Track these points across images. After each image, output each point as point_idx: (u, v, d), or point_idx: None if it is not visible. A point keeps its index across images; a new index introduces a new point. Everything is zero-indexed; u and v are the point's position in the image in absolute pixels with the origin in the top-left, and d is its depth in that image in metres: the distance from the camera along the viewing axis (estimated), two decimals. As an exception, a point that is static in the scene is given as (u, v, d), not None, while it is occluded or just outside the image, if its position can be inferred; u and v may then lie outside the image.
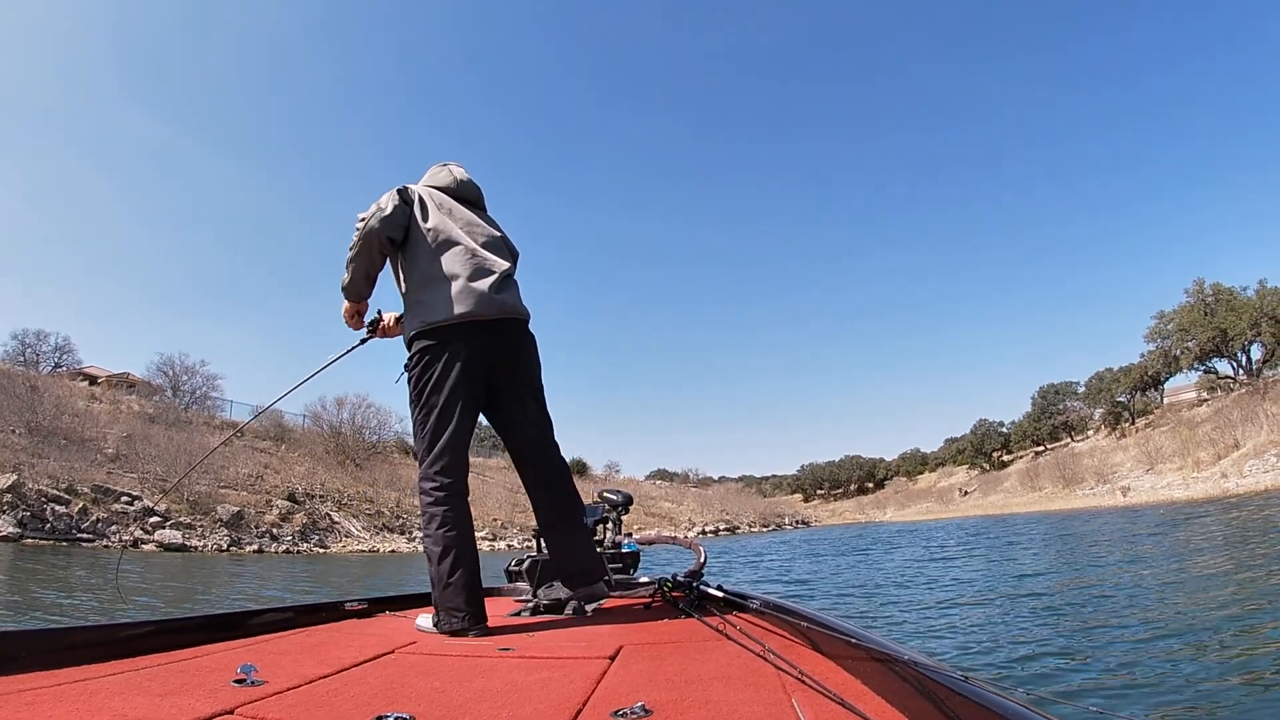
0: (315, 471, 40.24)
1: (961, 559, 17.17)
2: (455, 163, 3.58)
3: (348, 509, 36.83)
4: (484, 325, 3.17)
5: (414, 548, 33.51)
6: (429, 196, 3.33)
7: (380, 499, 39.88)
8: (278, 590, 15.42)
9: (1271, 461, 36.04)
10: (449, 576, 2.92)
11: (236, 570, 20.11)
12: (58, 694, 1.62)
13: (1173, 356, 61.47)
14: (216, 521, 28.97)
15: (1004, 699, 1.16)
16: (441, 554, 2.97)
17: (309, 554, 29.30)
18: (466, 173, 3.56)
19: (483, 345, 3.17)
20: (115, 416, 36.74)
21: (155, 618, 2.92)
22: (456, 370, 3.11)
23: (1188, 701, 4.51)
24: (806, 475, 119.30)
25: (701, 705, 1.58)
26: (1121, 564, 12.63)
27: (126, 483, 28.78)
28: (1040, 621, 7.76)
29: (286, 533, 31.02)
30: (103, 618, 8.01)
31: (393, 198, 3.20)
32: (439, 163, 3.58)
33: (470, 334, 3.14)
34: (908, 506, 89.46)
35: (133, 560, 20.95)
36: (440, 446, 3.08)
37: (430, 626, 2.91)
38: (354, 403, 49.33)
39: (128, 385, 45.98)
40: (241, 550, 27.59)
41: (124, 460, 30.82)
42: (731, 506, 73.36)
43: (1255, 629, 6.35)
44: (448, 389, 3.11)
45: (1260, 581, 8.87)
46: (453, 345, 3.12)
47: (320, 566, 23.23)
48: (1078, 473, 61.01)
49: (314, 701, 1.66)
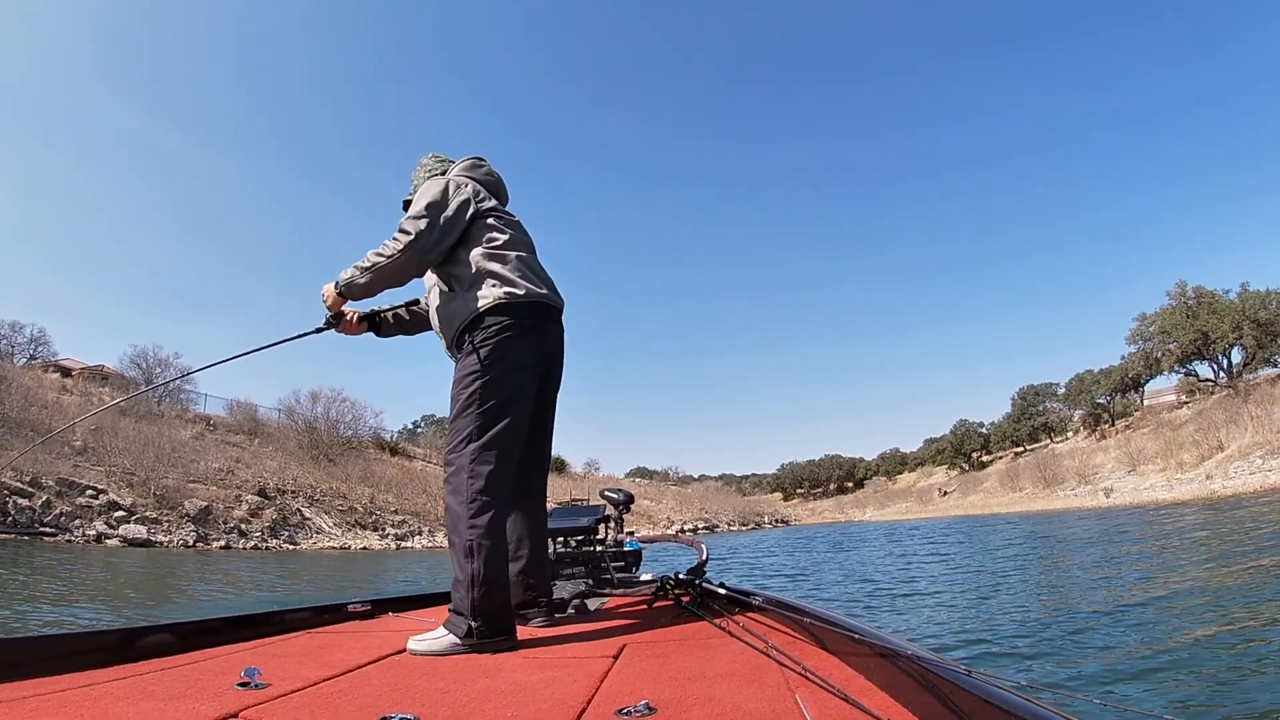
0: (287, 466, 39.47)
1: (955, 556, 17.23)
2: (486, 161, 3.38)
3: (320, 505, 36.18)
4: (557, 314, 3.05)
5: (386, 545, 33.13)
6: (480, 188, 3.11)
7: (354, 495, 39.23)
8: (224, 589, 14.78)
9: (1257, 463, 36.05)
10: (494, 579, 2.59)
11: (202, 567, 19.59)
12: (61, 700, 1.60)
13: (1154, 359, 61.64)
14: (183, 516, 28.35)
15: (1008, 692, 1.18)
16: (491, 551, 2.61)
17: (278, 550, 28.78)
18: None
19: (555, 335, 3.05)
20: (85, 409, 35.80)
21: (159, 622, 2.74)
22: (536, 354, 2.91)
23: (1191, 691, 4.59)
24: (786, 474, 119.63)
25: (705, 703, 1.59)
26: (1122, 563, 12.63)
27: (93, 476, 28.19)
28: (1042, 616, 7.82)
29: (255, 529, 30.42)
30: (106, 623, 7.69)
31: (462, 210, 2.95)
32: (474, 157, 3.33)
33: (553, 318, 3.02)
34: (887, 506, 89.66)
35: (94, 556, 20.35)
36: (508, 433, 2.78)
37: (454, 640, 2.49)
38: (329, 397, 48.73)
39: (101, 378, 45.00)
40: (208, 546, 27.04)
41: (91, 453, 30.07)
42: (711, 505, 72.98)
43: (1258, 625, 6.33)
44: (526, 372, 2.88)
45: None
46: (538, 326, 2.91)
47: (291, 564, 22.76)
48: (1058, 473, 61.02)
49: (318, 704, 1.67)
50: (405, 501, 41.28)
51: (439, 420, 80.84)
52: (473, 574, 2.54)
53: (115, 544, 24.56)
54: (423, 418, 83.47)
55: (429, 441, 61.10)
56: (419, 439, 65.15)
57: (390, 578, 18.50)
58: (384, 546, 32.86)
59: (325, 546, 31.52)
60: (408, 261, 2.85)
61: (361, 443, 50.03)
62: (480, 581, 2.53)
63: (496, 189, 3.26)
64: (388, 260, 2.85)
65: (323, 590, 15.20)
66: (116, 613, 10.16)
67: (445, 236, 2.88)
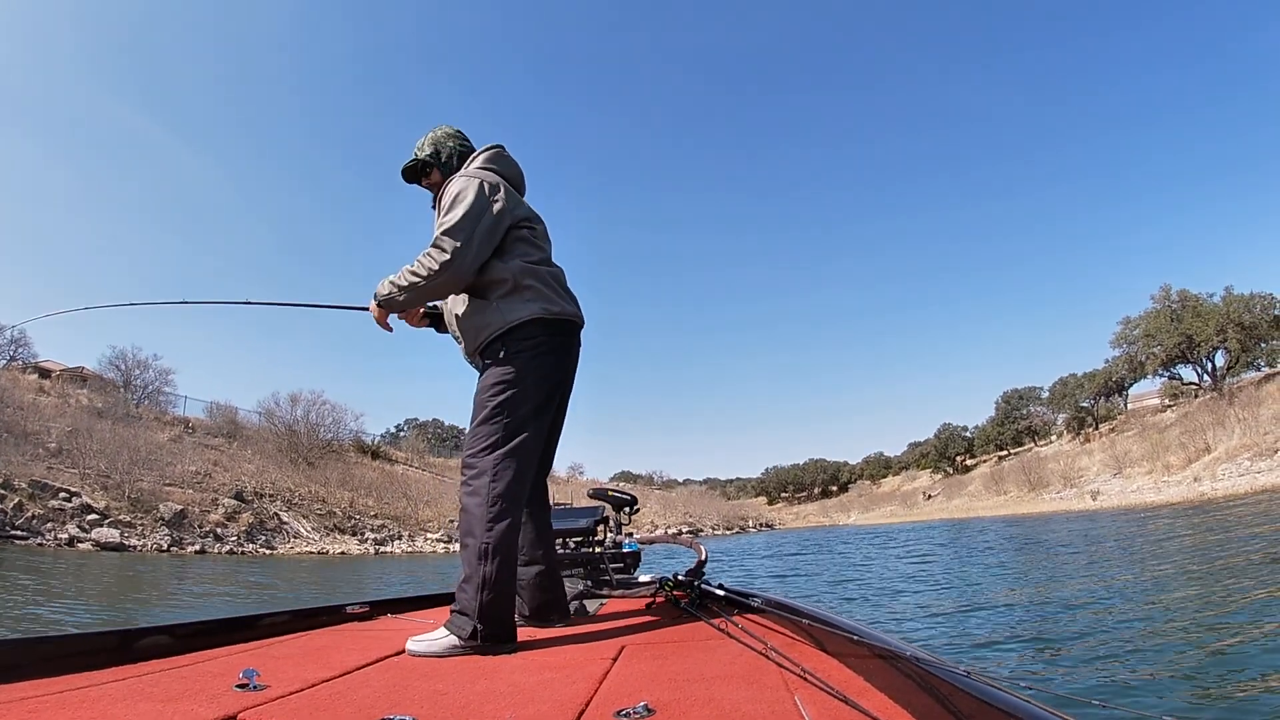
0: (265, 469, 38.96)
1: (948, 558, 17.30)
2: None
3: (298, 509, 35.68)
4: (579, 331, 3.09)
5: (365, 550, 32.73)
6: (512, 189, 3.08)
7: (333, 499, 38.80)
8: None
9: (1245, 465, 36.11)
10: (503, 585, 2.60)
11: (176, 572, 19.22)
12: (60, 701, 1.58)
13: (1138, 362, 61.86)
14: (158, 520, 27.77)
15: (1007, 694, 1.18)
16: (505, 556, 2.63)
17: (254, 555, 28.25)
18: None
19: (576, 354, 3.09)
20: (63, 410, 35.34)
21: (157, 624, 2.74)
22: (563, 371, 2.98)
23: (1189, 693, 4.63)
24: (771, 478, 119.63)
25: (705, 704, 1.59)
26: (1119, 565, 12.70)
27: (67, 479, 27.61)
28: (1040, 618, 7.89)
29: (232, 533, 29.85)
30: (104, 625, 7.38)
31: (500, 221, 2.90)
32: (497, 147, 3.22)
33: (576, 337, 3.07)
34: (871, 510, 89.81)
35: (64, 561, 19.83)
36: (530, 444, 2.82)
37: (455, 642, 2.49)
38: (309, 399, 48.25)
39: (80, 379, 44.36)
40: (183, 550, 26.50)
41: (66, 455, 29.48)
42: (695, 509, 72.92)
43: (1259, 623, 6.40)
44: (553, 387, 2.93)
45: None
46: (567, 344, 2.99)
47: (269, 569, 22.39)
48: (1043, 476, 61.07)
49: (317, 705, 1.67)
50: (386, 506, 40.84)
51: (422, 424, 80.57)
52: (485, 577, 2.55)
53: (88, 548, 24.10)
54: (405, 421, 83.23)
55: (411, 445, 60.81)
56: (401, 442, 64.80)
57: (370, 584, 18.19)
58: (363, 551, 32.44)
59: (303, 551, 31.03)
60: (447, 282, 2.83)
61: (342, 446, 49.65)
62: (491, 585, 2.54)
63: (519, 183, 3.21)
64: (425, 282, 2.81)
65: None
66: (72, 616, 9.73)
67: (483, 251, 2.84)
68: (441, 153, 3.18)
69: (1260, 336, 53.37)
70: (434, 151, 3.18)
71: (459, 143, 3.21)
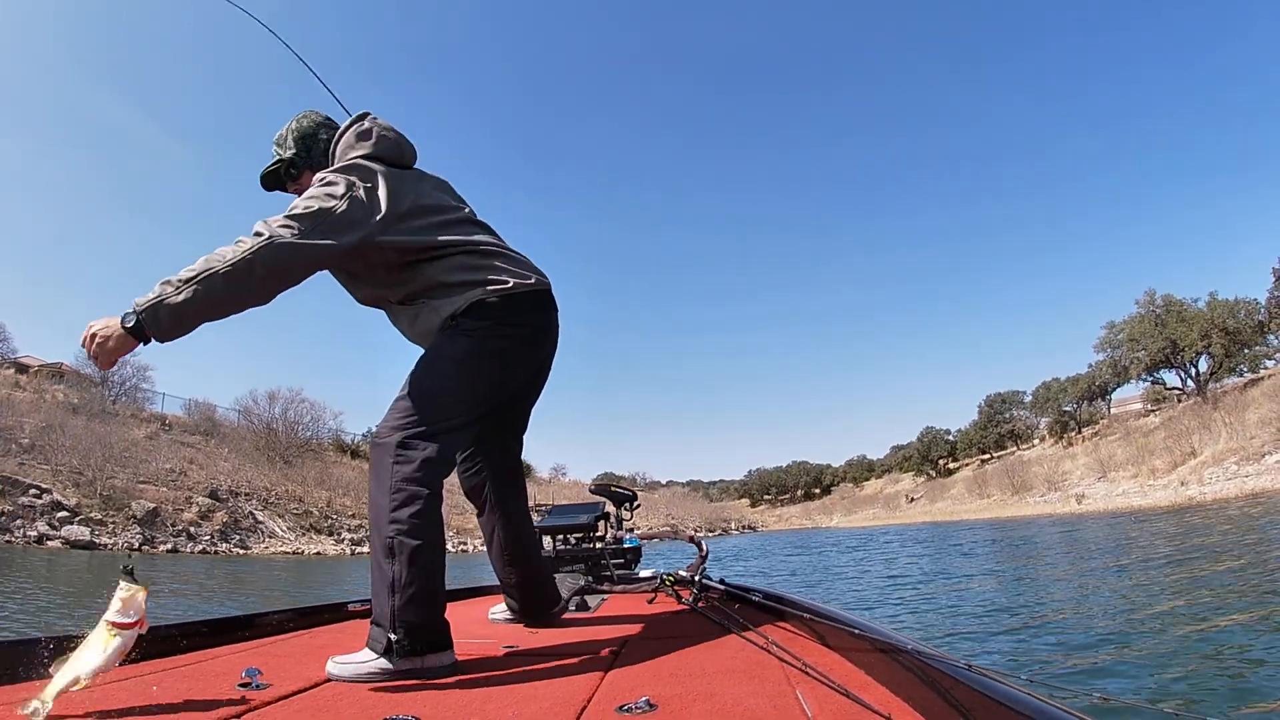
0: (242, 468, 38.46)
1: (945, 561, 17.36)
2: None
3: (274, 508, 35.31)
4: (538, 298, 2.53)
5: (341, 550, 32.33)
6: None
7: (310, 498, 38.45)
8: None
9: (1233, 469, 36.07)
10: (419, 583, 2.07)
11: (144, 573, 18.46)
12: (62, 701, 1.58)
13: (1122, 367, 62.01)
14: (130, 518, 27.35)
15: (1007, 686, 1.19)
16: (417, 551, 2.08)
17: (228, 555, 27.90)
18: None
19: (552, 328, 2.62)
20: (38, 406, 34.75)
21: (160, 623, 2.49)
22: (531, 357, 2.56)
23: (1188, 686, 4.71)
24: (754, 480, 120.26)
25: (706, 699, 1.59)
26: (1116, 565, 12.82)
27: (38, 475, 27.20)
28: (1042, 615, 7.97)
29: (205, 532, 29.46)
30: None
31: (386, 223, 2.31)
32: (359, 117, 2.56)
33: (531, 306, 2.48)
34: (854, 512, 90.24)
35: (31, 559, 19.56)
36: (462, 422, 2.33)
37: (383, 665, 2.00)
38: (287, 397, 47.91)
39: (59, 375, 43.73)
40: (154, 549, 26.17)
41: (39, 451, 28.99)
42: (677, 511, 73.02)
43: (1258, 623, 6.49)
44: (509, 375, 2.47)
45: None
46: (521, 319, 2.44)
47: (240, 569, 22.00)
48: (1027, 480, 61.07)
49: (320, 705, 1.68)
50: (364, 505, 40.16)
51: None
52: (393, 577, 2.06)
53: (57, 545, 23.76)
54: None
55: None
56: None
57: (344, 585, 17.83)
58: (339, 552, 32.10)
59: (277, 551, 30.66)
60: (266, 275, 2.15)
61: (321, 445, 49.38)
62: (402, 585, 2.05)
63: (402, 150, 2.54)
64: (232, 269, 2.15)
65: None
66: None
67: (341, 248, 2.23)
68: (314, 150, 2.59)
69: (1244, 342, 53.56)
70: (304, 149, 2.60)
71: (330, 133, 2.60)
